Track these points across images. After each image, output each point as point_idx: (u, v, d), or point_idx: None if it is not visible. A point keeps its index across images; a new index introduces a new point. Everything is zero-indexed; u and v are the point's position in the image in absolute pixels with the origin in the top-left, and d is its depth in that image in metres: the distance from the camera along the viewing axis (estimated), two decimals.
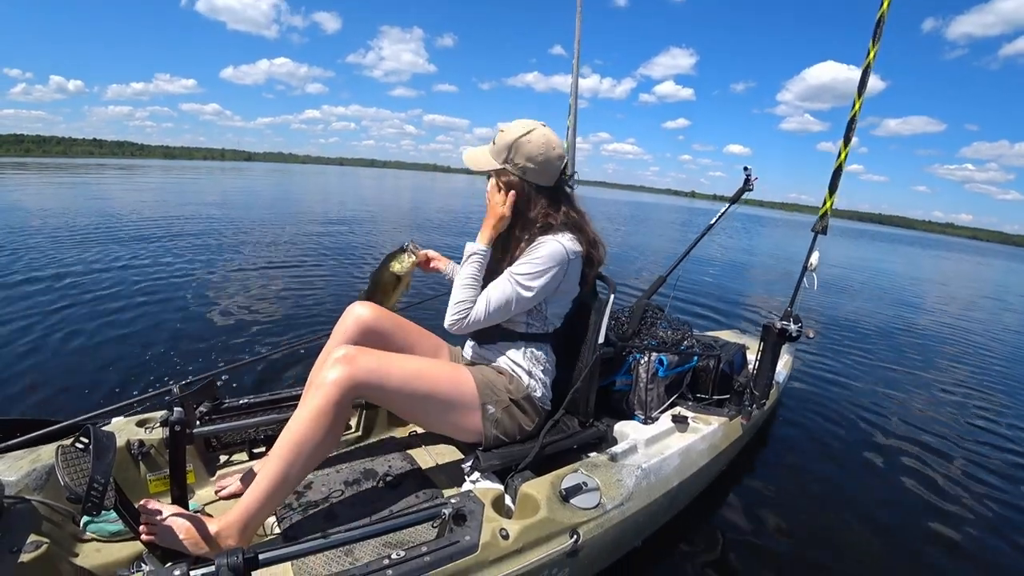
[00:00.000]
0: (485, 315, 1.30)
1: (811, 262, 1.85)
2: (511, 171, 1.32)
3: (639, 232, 15.32)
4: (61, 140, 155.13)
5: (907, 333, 5.27)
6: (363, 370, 1.14)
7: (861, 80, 1.75)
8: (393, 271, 1.50)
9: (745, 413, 1.84)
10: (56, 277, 4.11)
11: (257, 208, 11.90)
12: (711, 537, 1.76)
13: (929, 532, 1.91)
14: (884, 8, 1.69)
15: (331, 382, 1.10)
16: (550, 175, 1.34)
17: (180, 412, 1.12)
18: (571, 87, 2.03)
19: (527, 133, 1.30)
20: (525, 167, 1.30)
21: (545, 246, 1.28)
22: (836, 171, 1.81)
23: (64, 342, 2.84)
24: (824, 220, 1.84)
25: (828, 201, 1.82)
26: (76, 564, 1.02)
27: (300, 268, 5.29)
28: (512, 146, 1.30)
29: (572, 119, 2.00)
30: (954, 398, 3.45)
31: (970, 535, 1.91)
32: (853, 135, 1.81)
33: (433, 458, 1.54)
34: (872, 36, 1.71)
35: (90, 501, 0.78)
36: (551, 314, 1.39)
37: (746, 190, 2.39)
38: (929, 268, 17.01)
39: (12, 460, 1.11)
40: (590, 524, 1.20)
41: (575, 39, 1.97)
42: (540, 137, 1.30)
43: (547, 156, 1.30)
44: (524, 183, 1.32)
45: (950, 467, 2.42)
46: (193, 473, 1.34)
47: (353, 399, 1.17)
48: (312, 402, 1.10)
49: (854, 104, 1.78)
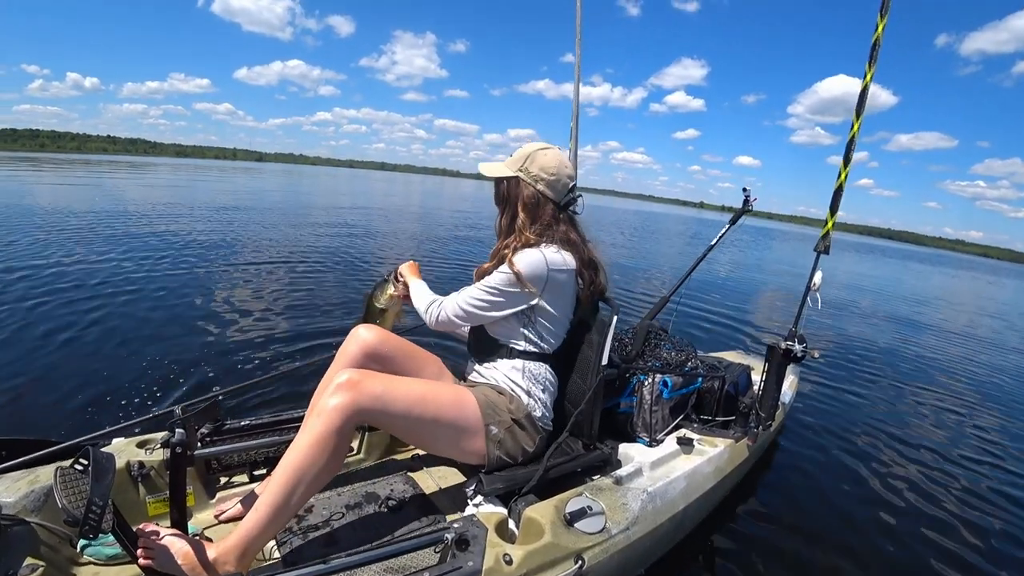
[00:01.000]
0: (459, 308, 1.36)
1: (814, 282, 1.86)
2: (524, 179, 1.37)
3: (647, 245, 15.28)
4: (76, 136, 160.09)
5: (914, 352, 5.22)
6: (366, 396, 1.13)
7: (859, 102, 1.78)
8: (377, 304, 1.56)
9: (751, 435, 1.82)
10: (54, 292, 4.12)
11: (267, 214, 11.84)
12: (717, 562, 1.72)
13: (939, 560, 1.86)
14: (879, 32, 1.72)
15: (333, 408, 1.09)
16: (558, 192, 1.38)
17: (182, 433, 1.11)
18: (573, 95, 2.09)
19: (545, 148, 1.39)
20: (538, 176, 1.36)
21: (524, 254, 1.30)
22: (837, 191, 1.82)
23: (65, 360, 2.83)
24: (826, 240, 1.85)
25: (829, 221, 1.83)
26: None
27: (308, 280, 5.27)
28: (528, 156, 1.37)
29: (574, 123, 2.06)
30: (963, 417, 3.40)
31: (984, 566, 1.86)
32: (852, 155, 1.83)
33: (435, 481, 1.52)
34: (868, 59, 1.74)
35: (88, 524, 0.77)
36: (546, 331, 1.39)
37: (745, 211, 2.41)
38: (938, 286, 16.79)
39: (10, 481, 1.10)
40: (595, 549, 1.18)
41: (575, 45, 2.02)
42: (556, 155, 1.39)
43: (559, 173, 1.37)
44: (535, 190, 1.37)
45: (959, 489, 2.37)
46: (193, 496, 1.33)
47: (356, 425, 1.16)
48: (314, 428, 1.09)
49: (852, 125, 1.80)
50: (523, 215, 1.38)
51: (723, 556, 1.75)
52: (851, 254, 28.32)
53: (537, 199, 1.37)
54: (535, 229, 1.36)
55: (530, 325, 1.38)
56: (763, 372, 1.89)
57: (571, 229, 1.41)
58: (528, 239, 1.34)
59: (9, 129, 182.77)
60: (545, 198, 1.38)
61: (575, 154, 2.04)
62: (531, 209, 1.37)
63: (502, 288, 1.32)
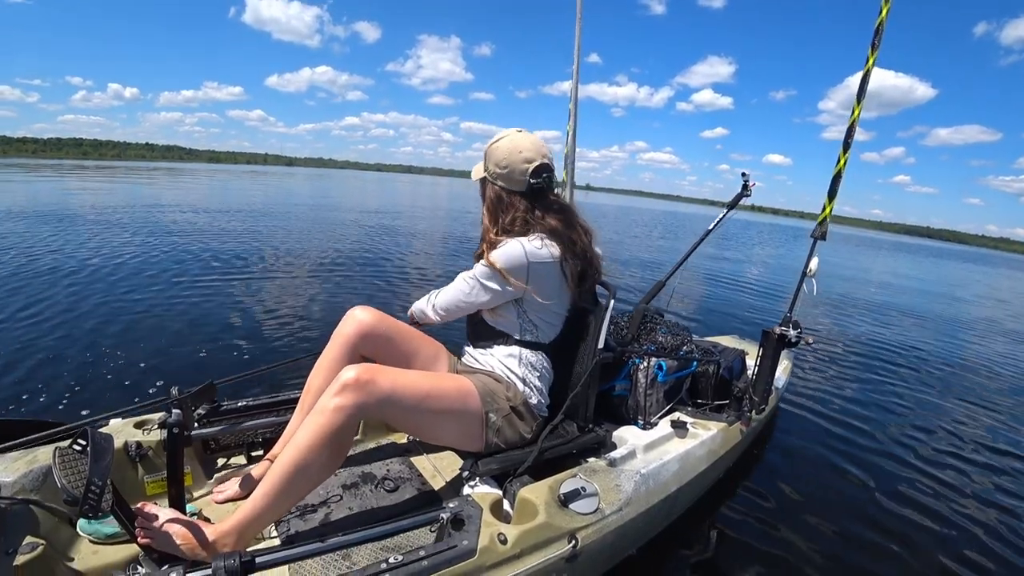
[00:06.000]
0: (437, 306, 1.44)
1: (810, 268, 1.86)
2: (488, 178, 1.38)
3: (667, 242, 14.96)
4: (116, 144, 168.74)
5: (908, 341, 5.26)
6: (373, 397, 1.10)
7: (860, 87, 1.76)
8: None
9: (744, 419, 1.84)
10: (55, 278, 4.10)
11: (285, 212, 11.81)
12: (709, 543, 1.75)
13: (930, 538, 1.90)
14: (883, 15, 1.69)
15: (338, 408, 1.06)
16: (517, 179, 1.33)
17: (178, 414, 1.11)
18: (571, 92, 2.04)
19: (498, 140, 1.36)
20: (495, 171, 1.35)
21: (503, 248, 1.29)
22: (835, 178, 1.81)
23: (64, 343, 2.83)
24: (823, 226, 1.85)
25: (827, 207, 1.83)
26: (72, 567, 1.02)
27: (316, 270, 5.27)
28: (487, 154, 1.37)
29: (572, 124, 2.00)
30: (959, 402, 3.44)
31: (977, 542, 1.90)
32: (852, 141, 1.82)
33: (432, 462, 1.53)
34: (871, 43, 1.72)
35: (87, 503, 0.78)
36: (539, 320, 1.39)
37: (744, 195, 2.40)
38: (977, 282, 15.65)
39: (9, 461, 1.11)
40: (589, 529, 1.20)
41: (575, 47, 1.97)
42: (507, 143, 1.34)
43: (510, 161, 1.32)
44: (499, 188, 1.36)
45: (953, 473, 2.41)
46: (191, 475, 1.34)
47: (358, 423, 1.15)
48: (316, 426, 1.06)
49: (852, 111, 1.79)
50: (486, 216, 1.39)
51: (715, 537, 1.78)
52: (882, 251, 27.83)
53: (499, 196, 1.36)
54: (503, 227, 1.35)
55: (523, 315, 1.38)
56: (757, 357, 1.90)
57: (552, 216, 1.35)
58: (493, 240, 1.33)
59: (55, 139, 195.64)
60: (509, 192, 1.35)
61: (572, 153, 1.99)
62: (493, 209, 1.37)
63: (483, 282, 1.32)
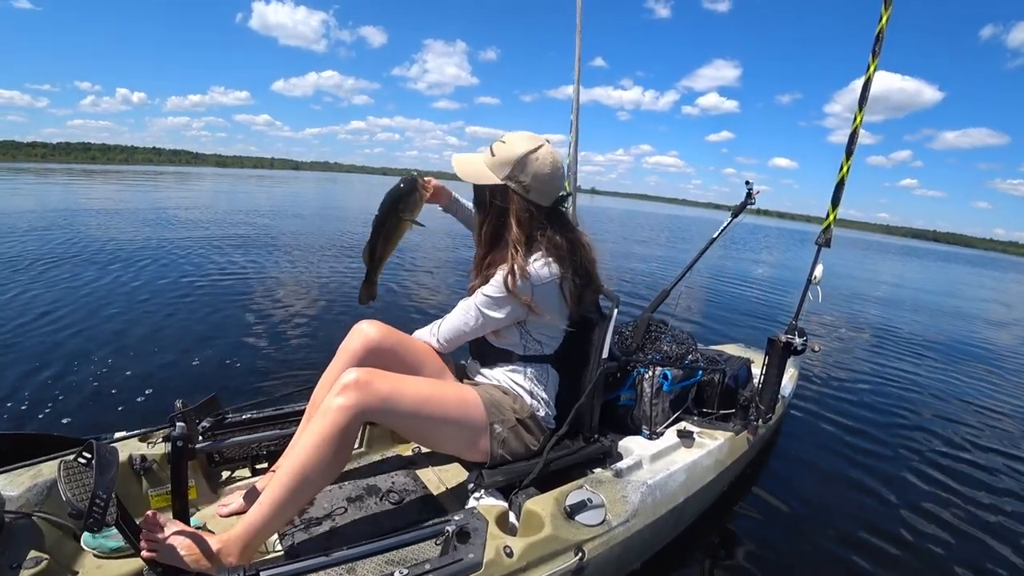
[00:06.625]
0: (440, 338, 1.37)
1: (815, 275, 1.85)
2: (514, 188, 1.24)
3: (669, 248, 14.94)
4: (124, 148, 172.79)
5: (916, 346, 5.21)
6: (373, 397, 1.11)
7: (862, 94, 1.77)
8: (404, 217, 1.34)
9: (751, 428, 1.82)
10: (64, 290, 4.13)
11: (292, 218, 11.84)
12: (717, 554, 1.73)
13: (946, 551, 1.87)
14: (883, 23, 1.71)
15: (338, 408, 1.07)
16: (551, 196, 1.29)
17: (183, 427, 1.11)
18: (572, 103, 2.04)
19: (536, 149, 1.23)
20: (530, 185, 1.23)
21: (512, 270, 1.23)
22: (838, 185, 1.82)
23: (69, 357, 2.84)
24: (828, 233, 1.85)
25: (831, 214, 1.83)
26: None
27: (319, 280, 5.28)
28: (519, 162, 1.22)
29: (573, 134, 2.01)
30: (967, 406, 3.40)
31: (994, 555, 1.87)
32: (855, 148, 1.82)
33: (437, 475, 1.52)
34: (872, 50, 1.73)
35: (92, 517, 0.78)
36: (543, 336, 1.37)
37: (748, 204, 2.40)
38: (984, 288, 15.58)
39: (14, 475, 1.11)
40: (595, 541, 1.18)
41: (575, 58, 1.98)
42: (548, 155, 1.24)
43: (553, 176, 1.25)
44: (526, 202, 1.26)
45: (962, 480, 2.38)
46: (195, 489, 1.33)
47: (360, 424, 1.15)
48: (318, 428, 1.07)
49: (855, 118, 1.79)
50: (517, 231, 1.24)
51: (723, 548, 1.76)
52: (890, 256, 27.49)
53: (530, 211, 1.25)
54: (534, 238, 1.26)
55: (526, 334, 1.36)
56: (763, 365, 1.89)
57: (557, 232, 1.28)
58: (520, 263, 1.22)
59: (63, 143, 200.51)
60: (537, 206, 1.26)
61: (575, 158, 1.99)
62: (525, 224, 1.24)
63: (484, 312, 1.28)
